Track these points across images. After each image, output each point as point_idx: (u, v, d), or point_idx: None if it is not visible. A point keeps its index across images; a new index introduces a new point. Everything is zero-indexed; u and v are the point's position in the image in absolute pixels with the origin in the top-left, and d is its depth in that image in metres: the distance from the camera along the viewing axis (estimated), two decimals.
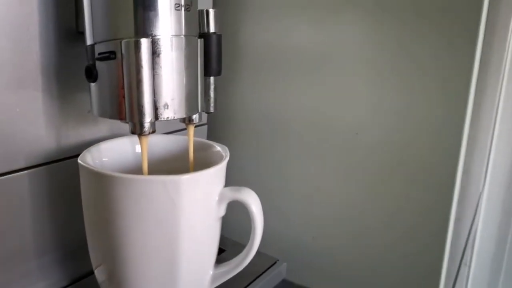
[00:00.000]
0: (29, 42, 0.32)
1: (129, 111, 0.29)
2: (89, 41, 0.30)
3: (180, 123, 0.36)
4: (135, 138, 0.36)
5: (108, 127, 0.39)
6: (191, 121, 0.34)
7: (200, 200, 0.32)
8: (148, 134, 0.30)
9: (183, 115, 0.31)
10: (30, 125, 0.33)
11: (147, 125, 0.29)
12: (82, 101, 0.36)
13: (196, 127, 0.38)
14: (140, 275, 0.32)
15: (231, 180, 0.37)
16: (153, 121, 0.29)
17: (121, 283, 0.32)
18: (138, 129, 0.29)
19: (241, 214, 0.34)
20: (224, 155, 0.35)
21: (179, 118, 0.31)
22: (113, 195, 0.30)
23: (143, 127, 0.29)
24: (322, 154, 0.45)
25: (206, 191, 0.32)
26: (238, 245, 0.36)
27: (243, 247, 0.35)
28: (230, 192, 0.33)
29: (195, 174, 0.31)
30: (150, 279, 0.32)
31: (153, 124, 0.30)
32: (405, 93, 0.40)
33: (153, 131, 0.30)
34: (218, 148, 0.37)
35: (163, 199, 0.30)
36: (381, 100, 0.41)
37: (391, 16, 0.39)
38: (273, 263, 0.45)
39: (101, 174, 0.30)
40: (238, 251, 0.35)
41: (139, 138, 0.31)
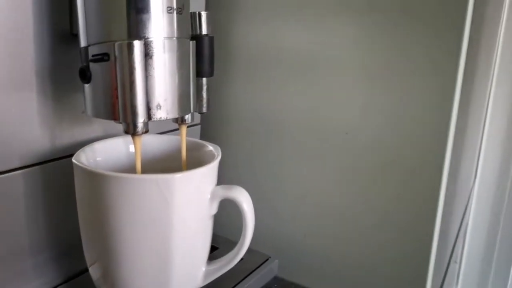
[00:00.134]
0: (23, 44, 0.33)
1: (122, 111, 0.30)
2: (83, 43, 0.30)
3: (173, 123, 0.36)
4: (129, 138, 0.37)
5: (101, 127, 0.39)
6: (183, 121, 0.35)
7: (193, 199, 0.32)
8: (141, 134, 0.31)
9: (176, 115, 0.32)
10: (25, 125, 0.34)
11: (140, 125, 0.30)
12: (76, 101, 0.37)
13: (189, 127, 0.39)
14: (134, 272, 0.32)
15: (224, 179, 0.38)
16: (146, 121, 0.30)
17: (116, 280, 0.33)
18: (132, 129, 0.30)
19: (234, 212, 0.34)
20: (216, 155, 0.35)
21: (171, 118, 0.32)
22: (107, 194, 0.30)
23: (136, 127, 0.30)
24: (313, 154, 0.46)
25: (199, 189, 0.33)
26: (231, 243, 0.37)
27: (236, 244, 0.36)
28: (222, 191, 0.34)
29: (187, 173, 0.32)
30: (144, 275, 0.32)
31: (146, 124, 0.30)
32: (394, 94, 0.41)
33: (146, 131, 0.31)
34: (210, 148, 0.38)
35: (156, 197, 0.30)
36: (371, 101, 0.42)
37: (381, 19, 0.40)
38: (265, 260, 0.46)
39: (95, 173, 0.31)
40: (231, 248, 0.36)
41: (132, 138, 0.32)
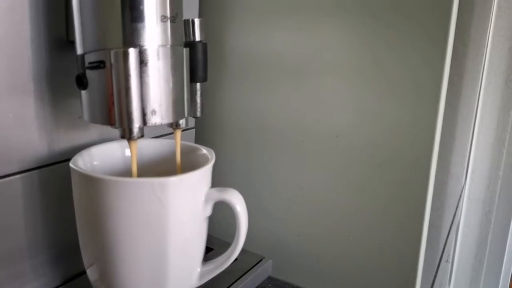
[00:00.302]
0: (21, 50, 0.33)
1: (118, 117, 0.30)
2: (79, 50, 0.31)
3: (168, 127, 0.37)
4: (125, 142, 0.37)
5: (98, 131, 0.40)
6: (178, 125, 0.36)
7: (187, 201, 0.33)
8: (137, 139, 0.31)
9: (170, 120, 0.33)
10: (22, 130, 0.35)
11: (136, 130, 0.31)
12: (73, 106, 0.38)
13: (184, 130, 0.39)
14: (131, 273, 0.33)
15: (218, 182, 0.39)
16: (141, 126, 0.31)
17: (113, 281, 0.34)
18: (127, 134, 0.31)
19: (228, 214, 0.35)
20: (210, 158, 0.36)
21: (166, 123, 0.33)
22: (104, 197, 0.31)
23: (132, 132, 0.31)
24: (305, 156, 0.47)
25: (193, 192, 0.34)
26: (226, 244, 0.37)
27: (230, 245, 0.37)
28: (216, 193, 0.35)
29: (182, 176, 0.33)
30: (140, 276, 0.33)
31: (141, 129, 0.31)
32: (383, 97, 0.42)
33: (142, 136, 0.32)
34: (204, 151, 0.38)
35: (152, 200, 0.31)
36: (361, 104, 0.43)
37: (370, 23, 0.41)
38: (259, 261, 0.47)
39: (92, 177, 0.32)
40: (226, 249, 0.37)
41: (128, 143, 0.33)
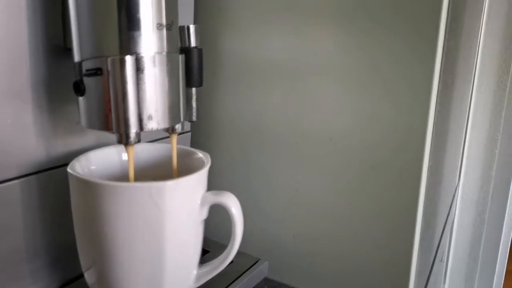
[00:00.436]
0: (19, 58, 0.34)
1: (115, 123, 0.31)
2: (76, 58, 0.32)
3: (164, 132, 0.38)
4: (122, 146, 0.38)
5: (95, 136, 0.41)
6: (174, 130, 0.36)
7: (184, 204, 0.34)
8: (133, 144, 0.32)
9: (166, 125, 0.33)
10: (21, 136, 0.35)
11: (133, 135, 0.32)
12: (70, 112, 0.38)
13: (180, 134, 0.40)
14: (128, 276, 0.34)
15: (214, 184, 0.39)
16: (138, 131, 0.32)
17: (110, 284, 0.34)
18: (124, 139, 0.32)
19: (225, 216, 0.36)
20: (206, 162, 0.37)
21: (162, 128, 0.34)
22: (101, 202, 0.32)
23: (129, 137, 0.31)
24: (300, 159, 0.48)
25: (189, 195, 0.34)
26: (222, 246, 0.38)
27: (226, 247, 0.37)
28: (212, 196, 0.35)
29: (178, 180, 0.33)
30: (137, 279, 0.34)
31: (138, 134, 0.32)
32: (376, 100, 0.43)
33: (139, 141, 0.32)
34: (200, 155, 0.39)
35: (149, 204, 0.32)
36: (353, 107, 0.44)
37: (364, 27, 0.42)
38: (255, 262, 0.47)
39: (90, 182, 0.32)
40: (222, 251, 0.37)
41: (125, 148, 0.33)
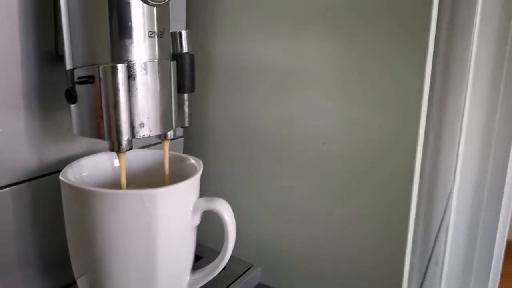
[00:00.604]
0: (11, 65, 0.34)
1: (107, 130, 0.31)
2: (68, 65, 0.32)
3: (156, 138, 0.38)
4: (113, 153, 0.38)
5: (87, 143, 0.40)
6: (166, 137, 0.37)
7: (176, 211, 0.34)
8: (125, 151, 0.32)
9: (158, 132, 0.33)
10: (13, 144, 0.35)
11: (125, 143, 0.32)
12: (62, 119, 0.38)
13: (173, 139, 0.40)
14: (121, 282, 0.34)
15: (207, 190, 0.39)
16: (130, 139, 0.32)
17: None
18: (116, 146, 0.32)
19: (218, 222, 0.36)
20: (198, 168, 0.37)
21: (154, 135, 0.34)
22: (93, 209, 0.32)
23: (121, 145, 0.32)
24: (292, 164, 0.48)
25: (181, 202, 0.34)
26: (215, 252, 0.38)
27: (219, 254, 0.37)
28: (204, 203, 0.35)
29: (170, 187, 0.33)
30: (130, 286, 0.34)
31: (130, 141, 0.32)
32: (368, 105, 0.43)
33: (130, 148, 0.32)
34: (192, 161, 0.39)
35: (141, 211, 0.32)
36: (345, 111, 0.44)
37: (353, 34, 0.42)
38: (248, 268, 0.47)
39: (82, 189, 0.32)
40: (215, 257, 0.37)
41: (117, 155, 0.33)
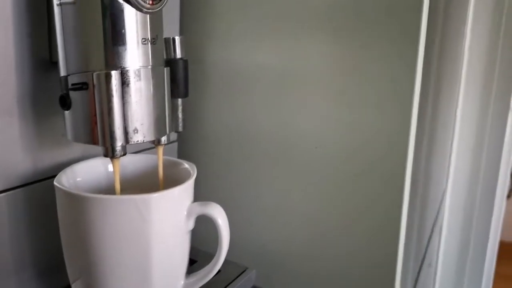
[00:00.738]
0: (5, 71, 0.34)
1: (101, 136, 0.31)
2: (62, 72, 0.32)
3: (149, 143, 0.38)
4: (107, 158, 0.39)
5: (81, 149, 0.41)
6: (160, 142, 0.37)
7: (170, 216, 0.34)
8: (119, 157, 0.32)
9: (152, 138, 0.34)
10: (7, 149, 0.35)
11: (119, 148, 0.32)
12: (56, 125, 0.38)
13: (167, 144, 0.40)
14: (115, 287, 0.34)
15: (201, 194, 0.40)
16: (124, 144, 0.32)
17: None
18: (110, 152, 0.32)
19: (212, 226, 0.36)
20: (192, 172, 0.37)
21: (148, 141, 0.34)
22: (87, 214, 0.32)
23: (115, 150, 0.32)
24: (286, 167, 0.48)
25: (175, 207, 0.35)
26: (210, 256, 0.38)
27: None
28: (198, 207, 0.36)
29: (164, 192, 0.33)
30: None
31: (124, 147, 0.32)
32: (360, 110, 0.43)
33: (124, 154, 0.33)
34: (186, 166, 0.39)
35: (135, 216, 0.32)
36: (338, 116, 0.44)
37: (346, 38, 0.43)
38: (242, 271, 0.48)
39: (76, 195, 0.32)
40: (209, 261, 0.38)
41: (111, 161, 0.34)
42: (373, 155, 0.44)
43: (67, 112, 0.33)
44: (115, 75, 0.30)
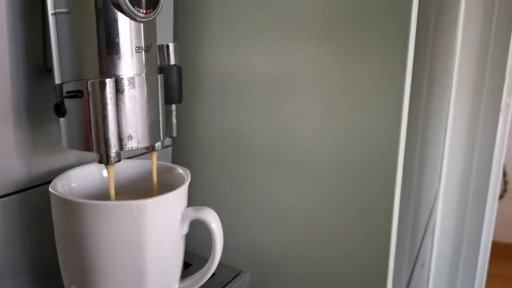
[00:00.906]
0: (0, 80, 0.35)
1: (96, 143, 0.32)
2: (57, 80, 0.32)
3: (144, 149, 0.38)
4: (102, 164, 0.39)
5: (75, 155, 0.41)
6: (154, 148, 0.37)
7: (164, 221, 0.35)
8: (114, 163, 0.33)
9: (146, 144, 0.34)
10: (2, 156, 0.36)
11: (113, 155, 0.32)
12: (51, 131, 0.38)
13: (162, 149, 0.41)
14: None
15: (195, 198, 0.40)
16: (118, 151, 0.32)
17: None
18: (105, 159, 0.32)
19: (207, 230, 0.37)
20: (186, 178, 0.38)
21: (143, 147, 0.34)
22: (82, 220, 0.32)
23: (109, 157, 0.32)
24: (279, 172, 0.49)
25: (169, 212, 0.35)
26: (204, 259, 0.39)
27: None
28: (192, 212, 0.36)
29: (158, 197, 0.34)
30: None
31: (118, 154, 0.33)
32: (351, 113, 0.44)
33: (119, 160, 0.33)
34: (180, 171, 0.40)
35: (130, 221, 0.32)
36: (330, 120, 0.45)
37: (339, 46, 0.43)
38: (237, 274, 0.48)
39: (71, 201, 0.33)
40: (204, 265, 0.38)
41: (106, 167, 0.34)
42: (365, 159, 0.44)
43: (62, 119, 0.33)
44: (109, 83, 0.31)
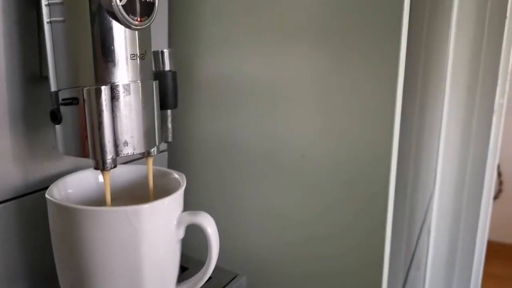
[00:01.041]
0: None
1: (92, 149, 0.32)
2: (53, 87, 0.33)
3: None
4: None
5: (72, 161, 0.41)
6: (149, 154, 0.38)
7: (160, 226, 0.35)
8: (110, 169, 0.33)
9: (142, 150, 0.35)
10: None
11: (109, 161, 0.33)
12: (47, 137, 0.39)
13: (157, 154, 0.41)
14: None
15: (191, 203, 0.40)
16: (114, 157, 0.33)
17: None
18: (101, 165, 0.33)
19: (203, 234, 0.37)
20: (181, 182, 0.38)
21: (138, 153, 0.35)
22: (79, 226, 0.33)
23: (105, 163, 0.33)
24: (274, 175, 0.49)
25: (166, 217, 0.35)
26: (201, 263, 0.39)
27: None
28: (188, 217, 0.36)
29: (154, 203, 0.34)
30: None
31: (114, 160, 0.33)
32: (345, 117, 0.44)
33: (115, 166, 0.33)
34: (175, 175, 0.40)
35: (126, 227, 0.33)
36: (324, 124, 0.46)
37: (333, 50, 0.44)
38: (233, 277, 0.48)
39: (67, 207, 0.33)
40: (200, 268, 0.38)
41: (102, 173, 0.34)
42: (359, 161, 0.45)
43: (58, 126, 0.33)
44: (105, 90, 0.31)
